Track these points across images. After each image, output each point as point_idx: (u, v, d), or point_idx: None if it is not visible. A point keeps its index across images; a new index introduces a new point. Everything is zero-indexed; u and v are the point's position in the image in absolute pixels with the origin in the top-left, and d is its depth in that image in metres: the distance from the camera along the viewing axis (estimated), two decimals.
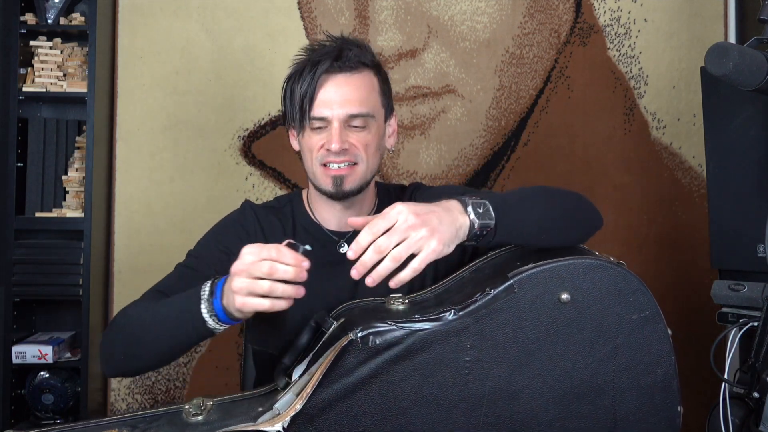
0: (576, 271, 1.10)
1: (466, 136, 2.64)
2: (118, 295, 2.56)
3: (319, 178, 1.36)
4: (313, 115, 1.32)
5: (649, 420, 1.12)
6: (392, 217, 1.04)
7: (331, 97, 1.32)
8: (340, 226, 1.42)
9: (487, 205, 1.10)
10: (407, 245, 1.02)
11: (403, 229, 1.03)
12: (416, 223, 1.03)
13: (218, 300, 1.08)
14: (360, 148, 1.34)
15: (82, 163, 2.47)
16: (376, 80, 1.38)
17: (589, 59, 2.65)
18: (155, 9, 2.59)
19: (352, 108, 1.32)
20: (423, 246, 1.03)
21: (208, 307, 1.09)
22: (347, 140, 1.32)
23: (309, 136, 1.35)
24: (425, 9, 2.63)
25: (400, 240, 1.02)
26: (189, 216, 2.58)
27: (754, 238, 1.66)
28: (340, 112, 1.32)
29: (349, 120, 1.33)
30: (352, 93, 1.33)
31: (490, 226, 1.09)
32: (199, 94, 2.60)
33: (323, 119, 1.32)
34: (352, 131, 1.34)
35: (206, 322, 1.09)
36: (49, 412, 2.41)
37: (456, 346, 1.08)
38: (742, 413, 1.45)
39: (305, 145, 1.37)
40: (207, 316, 1.09)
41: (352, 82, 1.33)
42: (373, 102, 1.36)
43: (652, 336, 1.12)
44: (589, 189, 2.63)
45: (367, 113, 1.34)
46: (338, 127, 1.32)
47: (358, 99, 1.33)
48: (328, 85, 1.32)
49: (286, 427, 1.04)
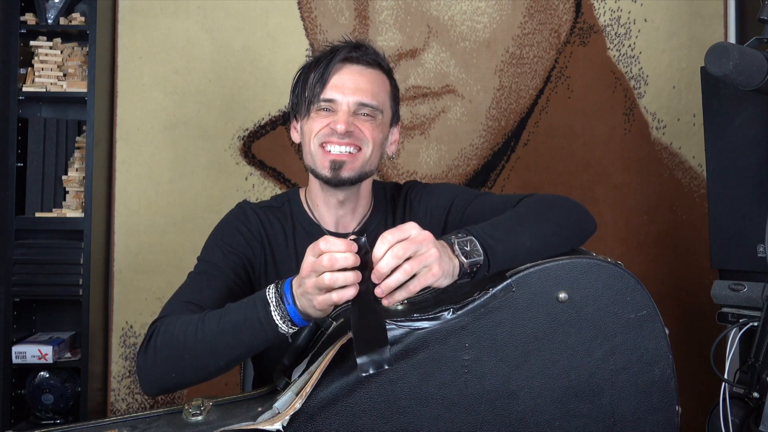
0: (574, 271, 1.10)
1: (466, 136, 2.64)
2: (118, 295, 2.57)
3: (317, 159, 1.34)
4: (323, 97, 1.32)
5: (647, 420, 1.12)
6: (406, 230, 1.03)
7: (344, 83, 1.32)
8: (339, 227, 1.42)
9: (474, 241, 1.09)
10: (419, 260, 1.00)
11: (418, 241, 1.01)
12: (429, 238, 1.02)
13: (292, 306, 1.06)
14: (366, 133, 1.33)
15: (82, 163, 2.47)
16: (388, 83, 1.39)
17: (589, 59, 2.65)
18: (155, 9, 2.59)
19: (364, 97, 1.32)
20: (430, 265, 1.01)
21: (281, 313, 1.07)
22: (354, 123, 1.32)
23: (314, 118, 1.34)
24: (425, 9, 2.63)
25: (415, 250, 1.01)
26: (189, 216, 2.58)
27: (754, 238, 1.66)
28: (351, 98, 1.32)
29: (358, 108, 1.33)
30: (365, 84, 1.33)
31: (479, 263, 1.08)
32: (199, 94, 2.60)
33: (332, 101, 1.32)
34: (360, 118, 1.33)
35: (278, 327, 1.07)
36: (49, 412, 2.41)
37: (454, 345, 1.08)
38: (742, 413, 1.45)
39: (307, 129, 1.36)
40: (280, 321, 1.07)
41: (367, 74, 1.34)
42: (383, 99, 1.36)
43: (650, 335, 1.12)
44: (589, 189, 2.63)
45: (376, 106, 1.34)
46: (346, 110, 1.32)
47: (370, 91, 1.33)
48: (343, 72, 1.33)
49: (285, 425, 1.04)
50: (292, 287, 1.07)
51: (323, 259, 0.99)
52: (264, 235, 1.40)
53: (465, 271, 1.07)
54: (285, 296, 1.07)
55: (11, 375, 2.39)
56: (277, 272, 1.39)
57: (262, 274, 1.39)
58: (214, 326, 1.11)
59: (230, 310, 1.13)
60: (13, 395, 2.41)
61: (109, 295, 2.57)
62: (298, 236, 1.41)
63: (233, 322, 1.11)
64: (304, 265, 1.02)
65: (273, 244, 1.40)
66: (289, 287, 1.07)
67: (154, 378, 1.16)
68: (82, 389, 2.41)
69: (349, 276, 1.00)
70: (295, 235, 1.41)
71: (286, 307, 1.07)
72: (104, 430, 1.10)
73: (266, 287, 1.10)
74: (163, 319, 1.19)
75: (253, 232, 1.39)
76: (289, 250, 1.40)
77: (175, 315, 1.19)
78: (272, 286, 1.09)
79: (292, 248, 1.40)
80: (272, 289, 1.09)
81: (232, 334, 1.10)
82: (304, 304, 1.05)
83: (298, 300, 1.06)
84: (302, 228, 1.42)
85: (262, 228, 1.40)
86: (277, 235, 1.41)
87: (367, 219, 1.44)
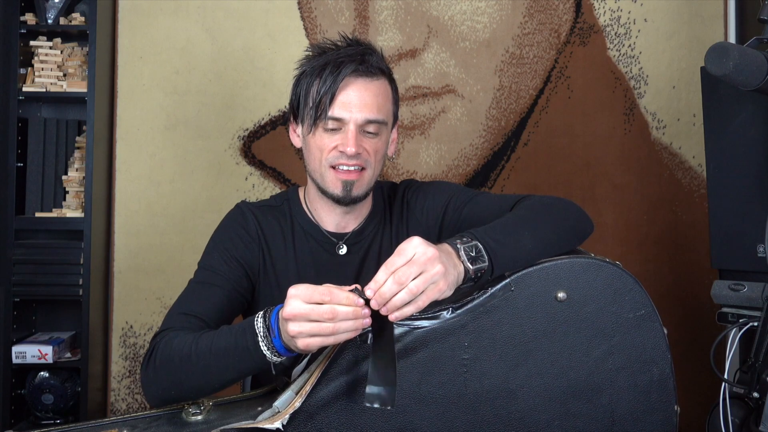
0: (572, 270, 1.10)
1: (466, 136, 2.64)
2: (118, 295, 2.57)
3: (328, 181, 1.35)
4: (331, 115, 1.32)
5: (646, 419, 1.12)
6: (409, 252, 1.03)
7: (351, 100, 1.32)
8: (338, 228, 1.42)
9: (479, 246, 1.09)
10: (424, 278, 1.00)
11: (422, 262, 1.01)
12: (434, 256, 1.02)
13: (278, 339, 1.07)
14: (371, 154, 1.34)
15: (82, 163, 2.47)
16: (390, 89, 1.39)
17: (589, 59, 2.65)
18: (155, 9, 2.60)
19: (370, 113, 1.32)
20: (437, 282, 1.02)
21: (268, 345, 1.07)
22: (361, 144, 1.32)
23: (320, 137, 1.34)
24: (425, 9, 2.63)
25: (418, 272, 1.01)
26: (189, 216, 2.58)
27: (754, 238, 1.66)
28: (359, 116, 1.31)
29: (365, 125, 1.33)
30: (371, 98, 1.33)
31: (484, 268, 1.08)
32: (199, 94, 2.60)
33: (340, 120, 1.32)
34: (366, 137, 1.34)
35: (266, 357, 1.08)
36: (49, 412, 2.41)
37: (454, 344, 1.08)
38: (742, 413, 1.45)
39: (314, 145, 1.35)
40: (268, 352, 1.08)
41: (372, 88, 1.33)
42: (387, 110, 1.36)
43: (648, 335, 1.12)
44: (589, 189, 2.63)
45: (382, 120, 1.34)
46: (354, 131, 1.31)
47: (376, 105, 1.33)
48: (350, 88, 1.32)
49: (285, 424, 1.04)
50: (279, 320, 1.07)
51: (323, 310, 0.99)
52: (262, 236, 1.40)
53: (470, 276, 1.08)
54: (272, 328, 1.07)
55: (11, 375, 2.39)
56: (275, 273, 1.39)
57: (261, 275, 1.39)
58: (206, 350, 1.12)
59: (222, 334, 1.14)
60: (13, 395, 2.41)
61: (109, 295, 2.57)
62: (297, 236, 1.41)
63: (224, 348, 1.11)
64: (289, 308, 1.01)
65: (271, 245, 1.40)
66: (276, 320, 1.07)
67: (156, 393, 1.18)
68: (82, 389, 2.41)
69: (351, 326, 1.01)
70: (294, 235, 1.41)
71: (272, 340, 1.07)
72: (104, 430, 1.10)
73: (256, 315, 1.11)
74: (163, 335, 1.20)
75: (251, 235, 1.39)
76: (287, 250, 1.40)
77: (174, 330, 1.21)
78: (260, 316, 1.10)
79: (290, 249, 1.40)
80: (260, 319, 1.09)
81: (223, 359, 1.11)
82: (286, 339, 1.05)
83: (283, 334, 1.06)
84: (301, 228, 1.42)
85: (259, 229, 1.40)
86: (276, 236, 1.41)
87: (366, 219, 1.44)
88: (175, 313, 1.27)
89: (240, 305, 1.36)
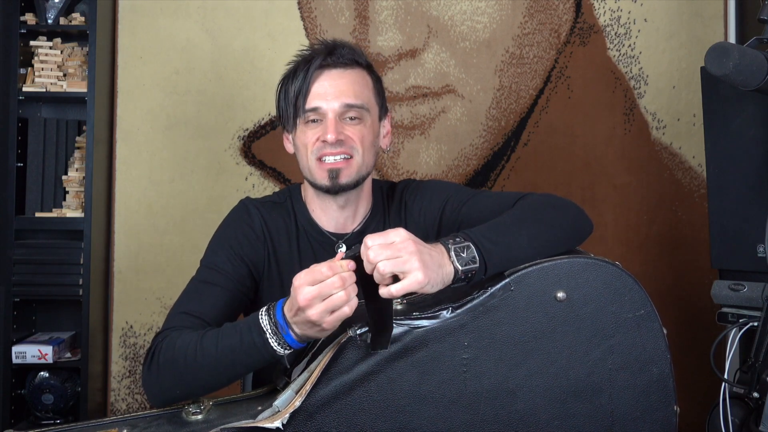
0: (572, 270, 1.10)
1: (466, 136, 2.64)
2: (118, 295, 2.57)
3: (315, 172, 1.35)
4: (307, 107, 1.33)
5: (645, 419, 1.12)
6: (390, 236, 1.05)
7: (325, 90, 1.33)
8: (337, 228, 1.42)
9: (471, 247, 1.09)
10: (393, 263, 1.02)
11: (397, 248, 1.03)
12: (411, 249, 1.03)
13: (289, 335, 1.08)
14: (356, 140, 1.34)
15: (82, 163, 2.47)
16: (369, 78, 1.39)
17: (589, 59, 2.65)
18: (155, 9, 2.60)
19: (347, 98, 1.33)
20: (409, 272, 1.02)
21: (278, 341, 1.09)
22: (343, 132, 1.33)
23: (303, 132, 1.35)
24: (425, 9, 2.63)
25: (390, 256, 1.02)
26: (189, 216, 2.58)
27: (754, 238, 1.66)
28: (335, 103, 1.32)
29: (344, 112, 1.33)
30: (346, 86, 1.34)
31: (474, 270, 1.09)
32: (199, 94, 2.60)
33: (317, 110, 1.33)
34: (348, 124, 1.34)
35: (275, 351, 1.09)
36: (49, 412, 2.40)
37: (453, 344, 1.08)
38: (742, 413, 1.45)
39: (299, 142, 1.37)
40: (278, 347, 1.09)
41: (346, 76, 1.34)
42: (367, 96, 1.37)
43: (648, 334, 1.12)
44: (589, 189, 2.63)
45: (362, 105, 1.34)
46: (333, 118, 1.32)
47: (352, 92, 1.34)
48: (322, 78, 1.33)
49: (285, 424, 1.05)
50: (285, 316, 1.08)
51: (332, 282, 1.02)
52: (267, 233, 1.40)
53: (459, 277, 1.08)
54: (280, 326, 1.08)
55: (11, 375, 2.39)
56: (279, 271, 1.39)
57: (265, 273, 1.39)
58: (212, 348, 1.13)
59: (226, 332, 1.14)
60: (13, 395, 2.41)
61: (109, 295, 2.57)
62: (300, 234, 1.42)
63: (230, 346, 1.12)
64: (303, 296, 1.02)
65: (276, 242, 1.40)
66: (282, 316, 1.08)
67: (160, 393, 1.18)
68: (82, 389, 2.41)
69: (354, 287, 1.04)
70: (298, 233, 1.42)
71: (283, 336, 1.08)
72: (104, 429, 1.10)
73: (258, 311, 1.11)
74: (164, 335, 1.20)
75: (256, 232, 1.39)
76: (291, 249, 1.40)
77: (176, 330, 1.21)
78: (264, 314, 1.10)
79: (294, 246, 1.40)
80: (265, 316, 1.10)
81: (230, 356, 1.12)
82: (306, 330, 1.06)
83: (298, 327, 1.06)
84: (303, 227, 1.42)
85: (264, 226, 1.40)
86: (280, 233, 1.41)
87: (367, 219, 1.44)
88: (176, 313, 1.27)
89: (242, 304, 1.36)
